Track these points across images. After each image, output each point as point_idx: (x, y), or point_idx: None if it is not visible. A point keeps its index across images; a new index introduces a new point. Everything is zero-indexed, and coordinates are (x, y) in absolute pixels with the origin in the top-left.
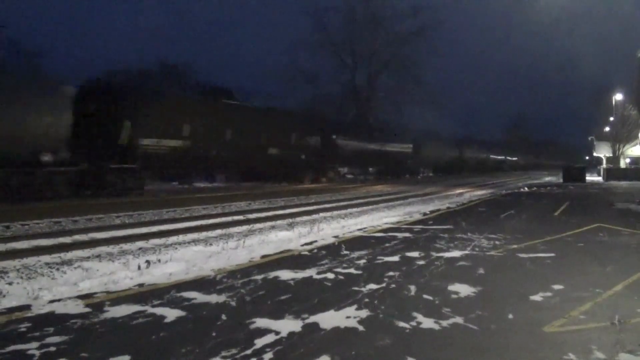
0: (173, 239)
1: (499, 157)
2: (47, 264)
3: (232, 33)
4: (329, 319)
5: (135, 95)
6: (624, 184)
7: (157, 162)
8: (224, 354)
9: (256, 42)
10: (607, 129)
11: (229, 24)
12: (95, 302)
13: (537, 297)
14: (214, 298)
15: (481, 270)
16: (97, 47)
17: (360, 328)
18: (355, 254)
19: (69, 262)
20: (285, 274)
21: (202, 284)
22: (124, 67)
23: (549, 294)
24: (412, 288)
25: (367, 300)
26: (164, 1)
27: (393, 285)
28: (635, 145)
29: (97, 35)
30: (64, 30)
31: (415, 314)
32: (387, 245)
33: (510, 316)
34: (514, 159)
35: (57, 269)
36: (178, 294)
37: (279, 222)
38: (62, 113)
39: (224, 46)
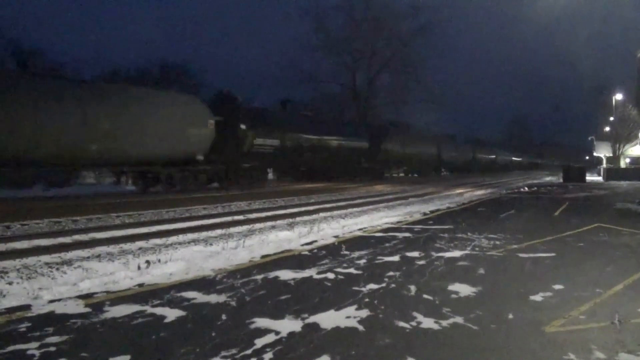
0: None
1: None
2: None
3: (232, 33)
4: (329, 319)
5: None
6: (624, 184)
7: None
8: (224, 354)
9: (256, 43)
10: (607, 129)
11: (229, 24)
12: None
13: (537, 297)
14: (214, 298)
15: (481, 270)
16: (96, 47)
17: (360, 328)
18: (356, 254)
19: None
20: (285, 274)
21: (202, 283)
22: (125, 67)
23: (549, 294)
24: (412, 288)
25: (367, 300)
26: (165, 2)
27: (393, 285)
28: (635, 145)
29: (97, 36)
30: (63, 30)
31: (415, 314)
32: (387, 245)
33: (510, 316)
34: (513, 158)
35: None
36: (178, 294)
37: (279, 222)
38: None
39: (224, 47)
